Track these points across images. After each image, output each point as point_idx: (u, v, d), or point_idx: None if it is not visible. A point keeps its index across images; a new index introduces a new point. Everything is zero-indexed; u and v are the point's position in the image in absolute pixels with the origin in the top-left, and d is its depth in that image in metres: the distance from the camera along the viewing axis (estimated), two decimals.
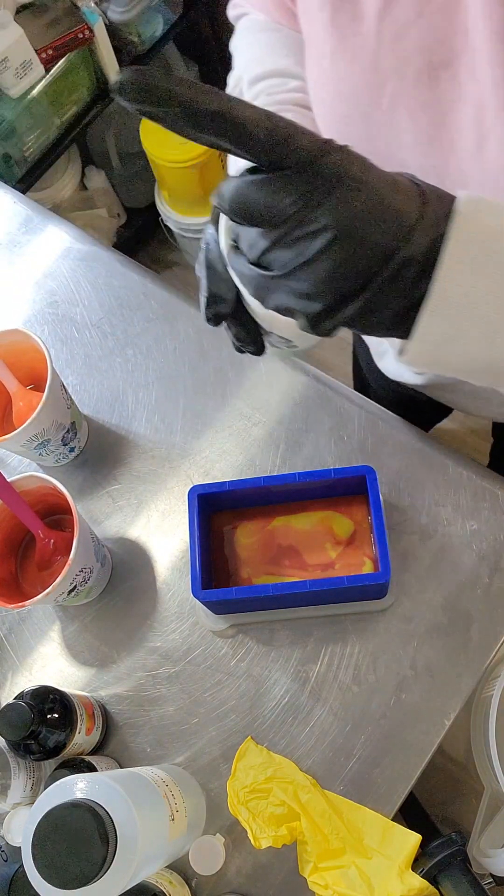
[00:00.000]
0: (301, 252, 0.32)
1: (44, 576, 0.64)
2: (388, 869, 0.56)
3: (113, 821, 0.42)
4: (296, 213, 0.31)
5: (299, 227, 0.31)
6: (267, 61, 0.58)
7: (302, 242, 0.32)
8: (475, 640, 0.62)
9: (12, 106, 1.30)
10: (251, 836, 0.58)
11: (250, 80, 0.58)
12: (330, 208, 0.31)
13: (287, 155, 0.30)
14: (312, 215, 0.31)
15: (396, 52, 0.44)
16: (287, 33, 0.59)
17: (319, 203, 0.31)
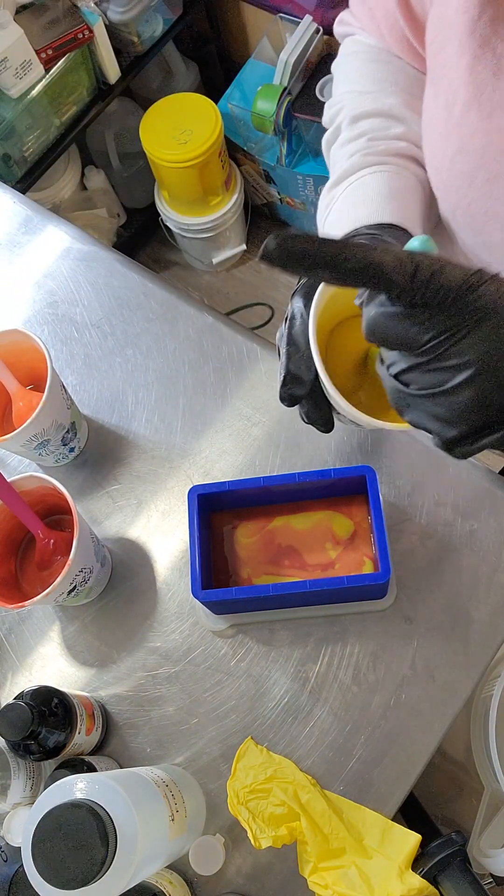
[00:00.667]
0: (441, 382, 0.32)
1: (44, 576, 0.64)
2: (388, 869, 0.56)
3: (113, 821, 0.42)
4: (437, 345, 0.31)
5: (439, 360, 0.31)
6: (371, 97, 0.54)
7: (442, 373, 0.31)
8: (475, 640, 0.62)
9: (12, 106, 1.30)
10: (251, 836, 0.58)
11: (352, 118, 0.54)
12: (473, 344, 0.30)
13: (431, 295, 0.30)
14: (454, 350, 0.30)
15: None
16: (398, 66, 0.55)
17: (462, 338, 0.30)
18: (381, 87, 0.55)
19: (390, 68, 0.55)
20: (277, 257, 0.28)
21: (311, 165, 1.57)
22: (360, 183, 0.51)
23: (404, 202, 0.49)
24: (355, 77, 0.56)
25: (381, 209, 0.48)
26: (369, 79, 0.55)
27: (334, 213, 0.52)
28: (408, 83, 0.54)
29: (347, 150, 0.53)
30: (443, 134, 0.46)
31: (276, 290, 1.86)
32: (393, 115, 0.53)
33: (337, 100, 0.57)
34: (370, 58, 0.56)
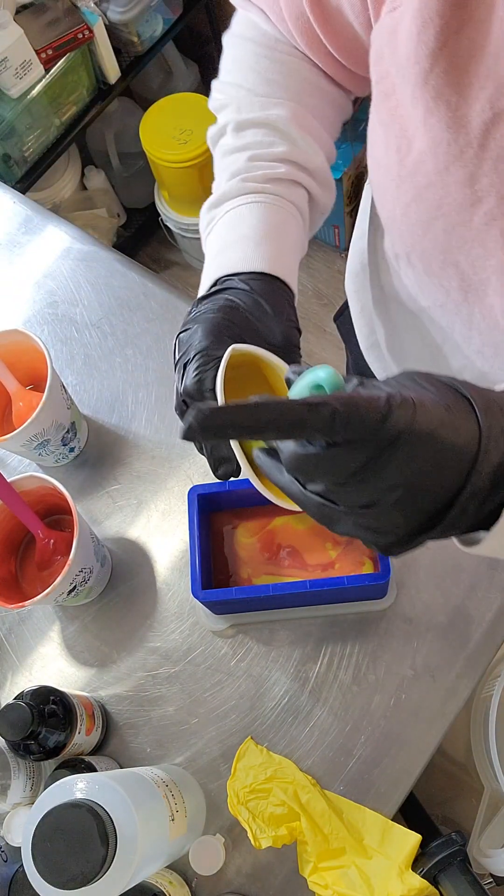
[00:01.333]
0: (370, 502, 0.32)
1: (44, 576, 0.64)
2: (388, 869, 0.56)
3: (113, 821, 0.42)
4: (362, 473, 0.31)
5: (365, 484, 0.32)
6: (259, 103, 0.52)
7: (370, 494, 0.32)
8: (475, 640, 0.62)
9: (12, 106, 1.30)
10: (251, 836, 0.58)
11: (238, 124, 0.52)
12: (398, 467, 0.31)
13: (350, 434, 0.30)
14: (381, 475, 0.31)
15: (500, 172, 0.39)
16: (292, 67, 0.52)
17: (386, 464, 0.31)
18: (272, 90, 0.53)
19: (284, 70, 0.53)
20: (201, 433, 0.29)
21: None
22: (237, 215, 0.51)
23: (278, 243, 0.49)
24: (246, 70, 0.54)
25: (254, 255, 0.48)
26: (261, 78, 0.53)
27: (213, 239, 0.52)
28: (300, 89, 0.53)
29: (229, 164, 0.53)
30: (395, 181, 0.45)
31: None
32: (278, 129, 0.52)
33: (224, 89, 0.55)
34: (265, 52, 0.53)
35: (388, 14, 0.41)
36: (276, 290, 0.48)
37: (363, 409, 0.30)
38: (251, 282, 0.47)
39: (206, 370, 0.44)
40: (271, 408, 0.29)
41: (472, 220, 0.42)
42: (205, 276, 0.51)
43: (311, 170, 0.54)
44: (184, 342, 0.46)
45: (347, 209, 1.72)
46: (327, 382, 0.32)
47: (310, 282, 1.85)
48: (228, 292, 0.47)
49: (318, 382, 0.32)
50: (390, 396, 0.31)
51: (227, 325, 0.45)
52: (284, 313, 0.48)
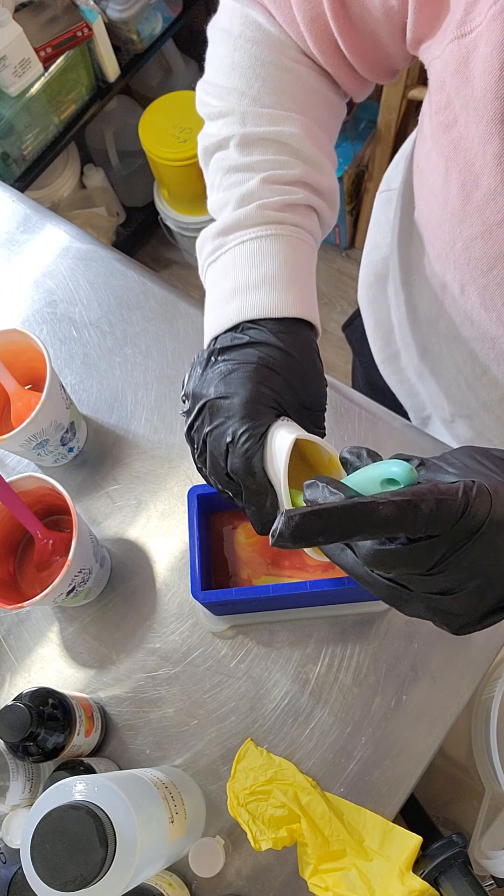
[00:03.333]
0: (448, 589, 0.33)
1: (42, 577, 0.64)
2: (389, 871, 0.55)
3: (112, 823, 0.42)
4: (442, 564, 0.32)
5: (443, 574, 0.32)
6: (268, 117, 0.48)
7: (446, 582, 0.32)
8: (476, 642, 0.62)
9: (11, 104, 1.29)
10: (251, 838, 0.57)
11: (244, 139, 0.48)
12: (477, 558, 0.31)
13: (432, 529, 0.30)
14: (460, 565, 0.32)
15: None
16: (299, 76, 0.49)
17: (466, 555, 0.31)
18: (280, 101, 0.49)
19: (292, 79, 0.49)
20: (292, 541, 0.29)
21: None
22: (258, 249, 0.47)
23: (305, 283, 0.47)
24: (249, 76, 0.49)
25: (283, 299, 0.45)
26: (267, 87, 0.48)
27: (221, 268, 0.48)
28: (308, 101, 0.49)
29: (236, 184, 0.49)
30: (459, 216, 0.44)
31: None
32: (292, 148, 0.48)
33: (222, 95, 0.50)
34: (271, 56, 0.49)
35: (456, 41, 0.38)
36: (307, 341, 0.46)
37: (445, 505, 0.30)
38: (281, 335, 0.45)
39: (255, 450, 0.42)
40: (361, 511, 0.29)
41: None
42: (217, 312, 0.47)
43: (323, 192, 0.51)
44: (218, 411, 0.43)
45: (348, 208, 1.72)
46: (402, 478, 0.32)
47: None
48: (259, 348, 0.44)
49: (393, 478, 0.32)
50: (466, 488, 0.31)
51: (266, 395, 0.43)
52: (318, 372, 0.46)
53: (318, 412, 0.47)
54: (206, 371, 0.44)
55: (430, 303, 0.57)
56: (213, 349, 0.45)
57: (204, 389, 0.44)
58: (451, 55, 0.40)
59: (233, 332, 0.45)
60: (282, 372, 0.44)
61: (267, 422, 0.42)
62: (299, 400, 0.45)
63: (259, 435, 0.42)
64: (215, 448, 0.43)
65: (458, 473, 0.34)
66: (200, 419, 0.44)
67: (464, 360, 0.56)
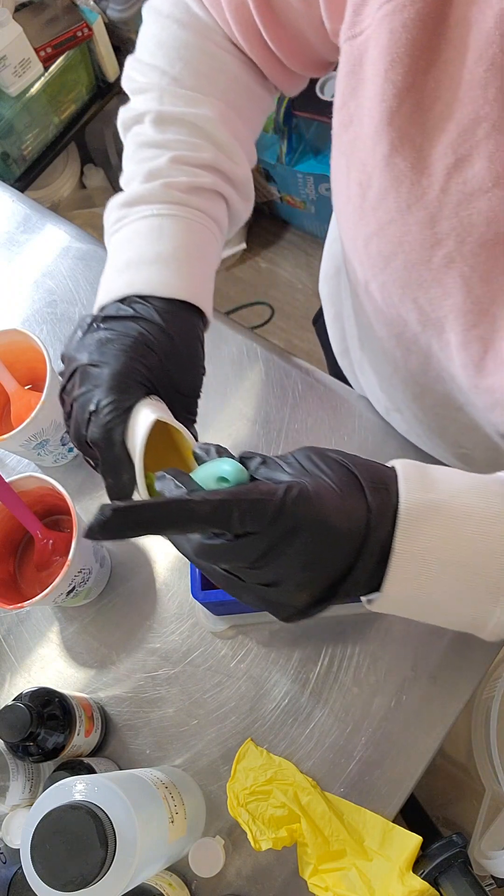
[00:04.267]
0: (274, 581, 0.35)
1: (42, 577, 0.64)
2: (389, 871, 0.55)
3: (112, 823, 0.42)
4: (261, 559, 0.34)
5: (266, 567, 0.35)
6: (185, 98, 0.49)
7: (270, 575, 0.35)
8: (476, 642, 0.62)
9: (11, 104, 1.29)
10: (251, 838, 0.57)
11: (159, 116, 0.49)
12: (294, 554, 0.34)
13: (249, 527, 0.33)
14: (281, 560, 0.34)
15: (461, 216, 0.39)
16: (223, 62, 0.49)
17: (283, 551, 0.34)
18: (199, 84, 0.49)
19: (214, 64, 0.49)
20: (101, 533, 0.30)
21: (311, 164, 1.57)
22: (157, 226, 0.47)
23: (200, 268, 0.48)
24: (173, 56, 0.49)
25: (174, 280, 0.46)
26: (188, 69, 0.49)
27: (123, 244, 0.49)
28: (228, 88, 0.50)
29: (146, 160, 0.49)
30: (357, 212, 0.45)
31: (277, 289, 1.86)
32: (204, 131, 0.49)
33: (145, 71, 0.50)
34: (195, 39, 0.49)
35: (349, 42, 0.40)
36: (191, 326, 0.47)
37: (260, 505, 0.33)
38: (166, 315, 0.45)
39: (117, 423, 0.42)
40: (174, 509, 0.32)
41: (431, 261, 0.42)
42: (110, 282, 0.47)
43: (234, 181, 0.52)
44: (88, 377, 0.43)
45: None
46: (232, 476, 0.35)
47: (310, 281, 1.85)
48: (142, 323, 0.44)
49: (223, 475, 0.35)
50: (288, 489, 0.33)
51: (138, 371, 0.43)
52: (197, 361, 0.47)
53: (191, 398, 0.48)
54: (85, 336, 0.45)
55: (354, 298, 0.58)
56: (97, 316, 0.46)
57: (79, 354, 0.44)
58: (345, 55, 0.40)
59: (120, 303, 0.46)
60: (159, 352, 0.44)
61: (134, 397, 0.43)
62: (173, 383, 0.45)
63: (123, 409, 0.42)
64: (79, 414, 0.44)
65: (293, 473, 0.36)
66: (71, 383, 0.45)
67: (381, 355, 0.57)
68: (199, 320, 0.48)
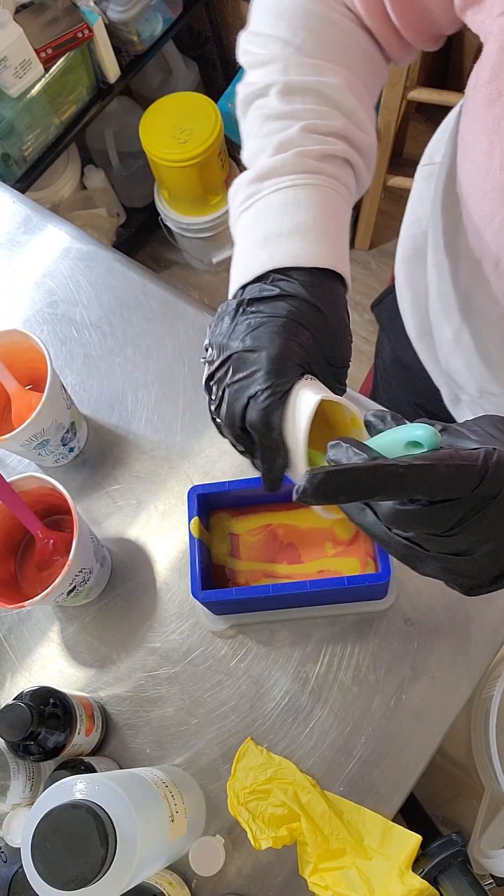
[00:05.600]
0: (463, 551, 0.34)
1: (43, 576, 0.64)
2: (389, 870, 0.56)
3: (112, 822, 0.42)
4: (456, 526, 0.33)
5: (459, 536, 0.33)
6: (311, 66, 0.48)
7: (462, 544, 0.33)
8: (475, 641, 0.62)
9: (11, 105, 1.29)
10: (251, 836, 0.57)
11: (286, 87, 0.47)
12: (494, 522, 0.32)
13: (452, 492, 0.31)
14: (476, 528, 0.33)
15: None
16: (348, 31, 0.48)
17: (481, 520, 0.32)
18: (325, 52, 0.48)
19: (338, 32, 0.48)
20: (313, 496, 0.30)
21: None
22: (293, 197, 0.46)
23: (339, 236, 0.47)
24: (296, 25, 0.48)
25: (317, 250, 0.45)
26: (312, 37, 0.48)
27: (254, 215, 0.47)
28: (353, 56, 0.49)
29: (275, 131, 0.48)
30: (499, 190, 0.44)
31: None
32: (334, 100, 0.47)
33: (265, 43, 0.49)
34: (318, 8, 0.48)
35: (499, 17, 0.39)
36: (337, 295, 0.46)
37: (465, 471, 0.31)
38: (312, 288, 0.44)
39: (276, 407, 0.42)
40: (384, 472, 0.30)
41: None
42: (249, 258, 0.46)
43: (362, 149, 0.50)
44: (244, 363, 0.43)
45: None
46: (427, 441, 0.33)
47: None
48: (290, 301, 0.43)
49: (416, 440, 0.33)
50: (487, 455, 0.32)
51: (294, 352, 0.42)
52: (345, 328, 0.46)
53: (341, 369, 0.46)
54: (234, 322, 0.44)
55: (468, 276, 0.57)
56: (242, 300, 0.44)
57: (231, 341, 0.43)
58: (499, 30, 0.39)
59: (261, 282, 0.44)
60: (310, 327, 0.43)
61: (292, 379, 0.42)
62: (325, 356, 0.45)
63: (282, 392, 0.42)
64: (236, 401, 0.43)
65: (480, 440, 0.34)
66: (224, 370, 0.43)
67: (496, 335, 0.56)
68: (341, 288, 0.47)
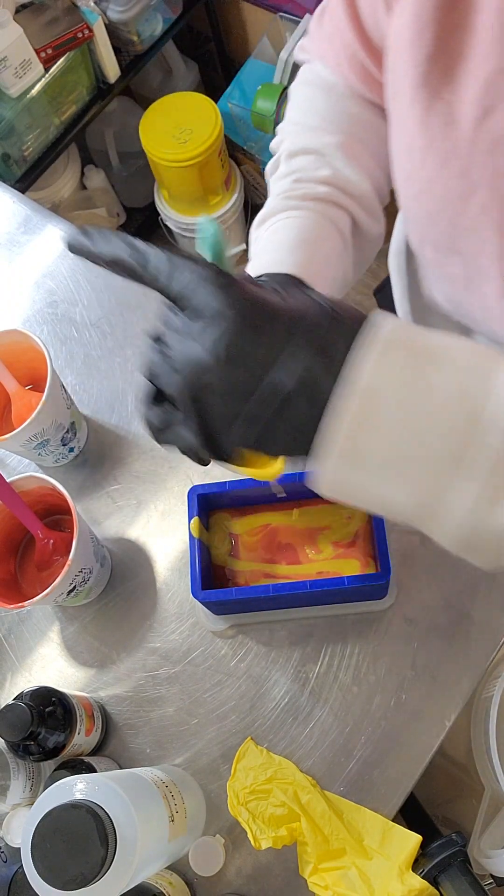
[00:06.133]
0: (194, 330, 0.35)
1: (43, 576, 0.64)
2: (389, 870, 0.56)
3: (112, 821, 0.42)
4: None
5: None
6: (311, 134, 0.55)
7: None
8: (475, 641, 0.62)
9: (11, 105, 1.29)
10: (251, 836, 0.57)
11: (289, 153, 0.56)
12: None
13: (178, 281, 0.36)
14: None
15: (491, 164, 0.42)
16: (346, 106, 0.55)
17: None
18: (324, 123, 0.55)
19: (337, 107, 0.55)
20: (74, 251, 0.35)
21: None
22: (275, 228, 0.52)
23: (310, 251, 0.50)
24: (304, 108, 0.57)
25: (284, 258, 0.49)
26: (315, 113, 0.56)
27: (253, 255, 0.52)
28: (351, 124, 0.55)
29: (278, 187, 0.55)
30: (406, 177, 0.48)
31: None
32: (325, 155, 0.54)
33: (283, 128, 0.58)
34: (321, 93, 0.56)
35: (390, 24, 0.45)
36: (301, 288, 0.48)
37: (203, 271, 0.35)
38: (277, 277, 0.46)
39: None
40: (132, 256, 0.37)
41: (468, 211, 0.45)
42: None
43: (355, 195, 0.55)
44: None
45: None
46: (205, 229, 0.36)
47: None
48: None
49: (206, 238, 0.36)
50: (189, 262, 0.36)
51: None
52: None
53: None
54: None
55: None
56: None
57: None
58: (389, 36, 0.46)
59: None
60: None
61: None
62: None
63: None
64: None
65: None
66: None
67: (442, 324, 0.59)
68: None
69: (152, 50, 1.50)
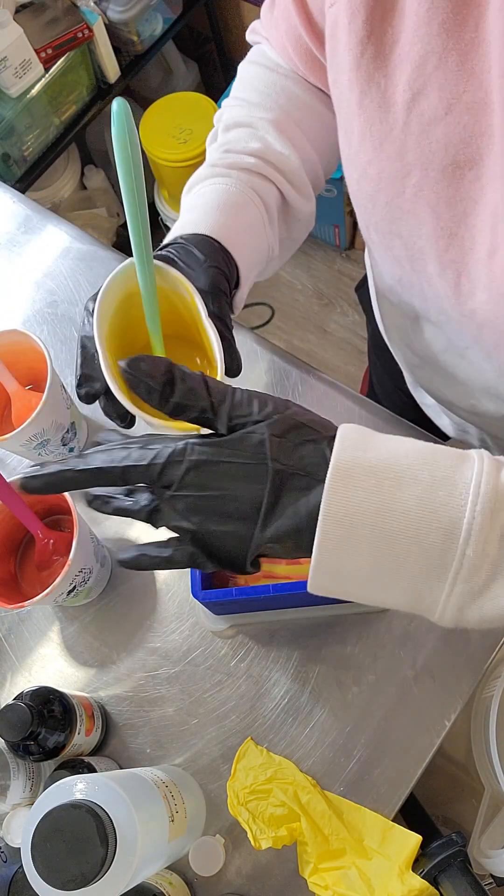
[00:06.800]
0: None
1: (43, 576, 0.64)
2: (389, 870, 0.56)
3: (112, 822, 0.42)
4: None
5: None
6: (248, 109, 0.57)
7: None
8: (475, 641, 0.62)
9: (11, 105, 1.29)
10: (251, 836, 0.57)
11: (226, 126, 0.57)
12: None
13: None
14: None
15: (422, 146, 0.43)
16: (286, 85, 0.57)
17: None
18: (263, 100, 0.57)
19: (278, 86, 0.57)
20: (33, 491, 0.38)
21: None
22: (200, 192, 0.54)
23: (230, 216, 0.52)
24: (246, 85, 0.58)
25: (201, 219, 0.51)
26: (256, 91, 0.57)
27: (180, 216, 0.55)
28: (288, 103, 0.56)
29: (210, 157, 0.57)
30: (348, 160, 0.50)
31: (277, 290, 1.86)
32: (257, 129, 0.56)
33: (226, 103, 0.59)
34: (265, 72, 0.58)
35: (329, 10, 0.46)
36: (216, 249, 0.50)
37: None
38: (192, 238, 0.49)
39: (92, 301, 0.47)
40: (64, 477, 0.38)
41: (404, 192, 0.46)
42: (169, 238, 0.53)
43: (283, 170, 0.56)
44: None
45: (347, 209, 1.72)
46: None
47: (310, 281, 1.85)
48: (164, 249, 0.49)
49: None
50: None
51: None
52: (214, 260, 0.49)
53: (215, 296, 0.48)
54: None
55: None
56: None
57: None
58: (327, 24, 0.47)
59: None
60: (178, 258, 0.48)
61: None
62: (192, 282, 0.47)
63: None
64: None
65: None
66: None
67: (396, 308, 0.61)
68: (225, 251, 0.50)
69: (152, 50, 1.50)
